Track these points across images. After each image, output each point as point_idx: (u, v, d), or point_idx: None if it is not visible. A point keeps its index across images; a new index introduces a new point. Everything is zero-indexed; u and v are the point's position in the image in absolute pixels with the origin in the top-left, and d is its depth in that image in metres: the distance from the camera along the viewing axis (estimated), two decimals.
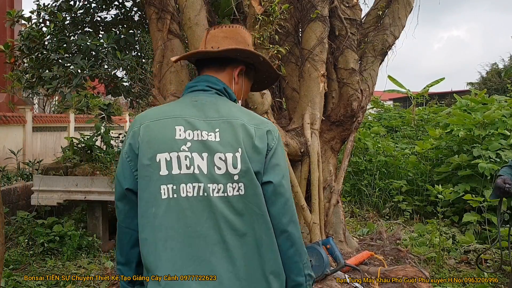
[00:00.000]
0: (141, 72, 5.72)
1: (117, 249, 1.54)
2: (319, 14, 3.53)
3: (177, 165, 1.37)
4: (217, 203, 1.36)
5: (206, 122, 1.43)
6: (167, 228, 1.35)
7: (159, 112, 1.48)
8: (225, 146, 1.40)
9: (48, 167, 5.81)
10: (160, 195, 1.36)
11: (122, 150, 1.45)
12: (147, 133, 1.41)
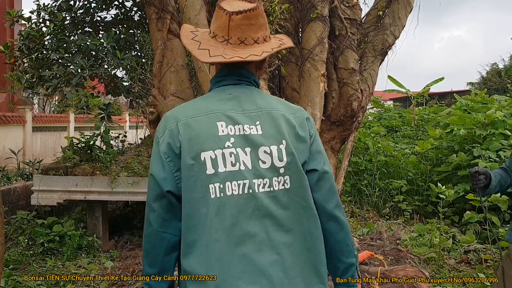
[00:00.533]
0: (141, 72, 5.72)
1: (147, 260, 1.44)
2: (319, 14, 3.53)
3: (222, 163, 1.32)
4: (263, 200, 1.33)
5: (245, 115, 1.37)
6: (216, 229, 1.31)
7: (195, 108, 1.40)
8: (269, 138, 1.35)
9: (48, 167, 5.80)
10: (209, 194, 1.32)
11: (158, 149, 1.37)
12: (187, 131, 1.35)
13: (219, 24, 1.41)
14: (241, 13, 1.38)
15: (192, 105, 1.43)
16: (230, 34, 1.40)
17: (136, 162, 5.93)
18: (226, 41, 1.40)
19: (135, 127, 9.18)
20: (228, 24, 1.39)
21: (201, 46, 1.41)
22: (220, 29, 1.41)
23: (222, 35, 1.41)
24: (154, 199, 1.37)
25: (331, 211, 1.41)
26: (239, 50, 1.39)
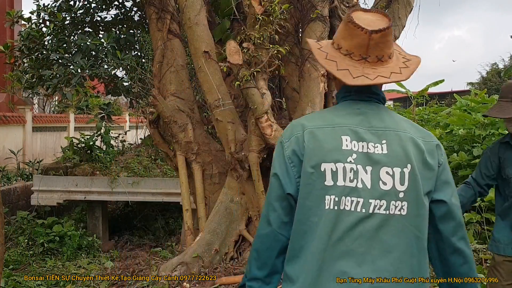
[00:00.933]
0: (141, 72, 5.72)
1: (257, 262, 1.43)
2: (319, 14, 3.53)
3: (342, 177, 1.31)
4: (375, 221, 1.31)
5: (371, 132, 1.36)
6: (323, 240, 1.31)
7: (322, 118, 1.41)
8: (393, 159, 1.33)
9: (48, 167, 5.81)
10: (323, 205, 1.32)
11: (283, 152, 1.39)
12: (312, 140, 1.35)
13: (357, 42, 1.38)
14: (381, 32, 1.37)
15: (319, 115, 1.45)
16: (369, 52, 1.38)
17: (136, 162, 5.94)
18: (363, 60, 1.39)
19: (135, 127, 9.18)
20: (368, 43, 1.38)
21: (339, 67, 1.39)
22: (357, 48, 1.39)
23: (360, 53, 1.39)
24: (276, 199, 1.39)
25: (456, 244, 1.37)
26: (377, 68, 1.38)
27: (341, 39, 1.42)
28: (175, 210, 6.66)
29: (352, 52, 1.39)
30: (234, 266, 3.38)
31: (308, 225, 1.34)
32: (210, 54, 3.57)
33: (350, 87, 1.41)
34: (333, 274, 1.30)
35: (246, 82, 3.13)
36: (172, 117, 3.68)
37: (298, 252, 1.36)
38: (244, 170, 3.43)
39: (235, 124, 3.53)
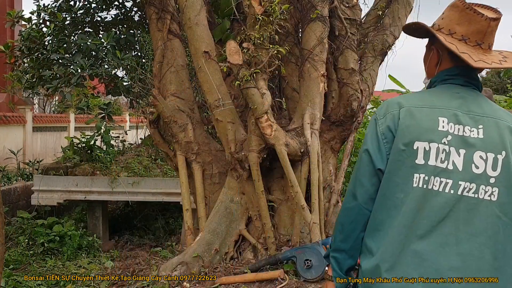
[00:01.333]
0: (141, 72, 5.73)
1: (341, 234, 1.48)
2: (319, 14, 3.53)
3: (434, 157, 1.35)
4: (461, 204, 1.34)
5: (469, 117, 1.39)
6: (408, 216, 1.35)
7: (422, 99, 1.45)
8: (488, 145, 1.36)
9: (48, 167, 5.81)
10: (411, 182, 1.36)
11: (376, 129, 1.43)
12: (407, 118, 1.40)
13: (475, 28, 1.44)
14: (496, 20, 1.44)
15: (418, 96, 1.48)
16: (484, 39, 1.45)
17: (136, 162, 5.94)
18: (478, 46, 1.45)
19: (135, 127, 9.18)
20: (486, 30, 1.44)
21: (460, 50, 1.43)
22: (474, 34, 1.44)
23: (476, 39, 1.45)
24: (364, 174, 1.43)
25: None
26: (487, 55, 1.44)
27: (455, 25, 1.46)
28: (175, 210, 6.67)
29: (468, 37, 1.45)
30: (234, 266, 3.39)
31: (393, 200, 1.38)
32: (210, 54, 3.57)
33: (456, 70, 1.47)
34: (414, 252, 1.34)
35: (246, 82, 3.13)
36: (172, 117, 3.69)
37: (379, 226, 1.41)
38: (244, 170, 3.43)
39: (235, 124, 3.53)
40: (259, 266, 3.22)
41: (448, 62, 1.50)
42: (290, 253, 3.11)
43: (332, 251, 1.51)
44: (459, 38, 1.47)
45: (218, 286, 3.09)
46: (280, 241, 3.49)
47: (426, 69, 1.63)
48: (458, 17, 1.47)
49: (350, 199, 1.46)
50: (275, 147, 3.23)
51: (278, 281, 2.98)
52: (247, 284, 3.03)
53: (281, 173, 3.46)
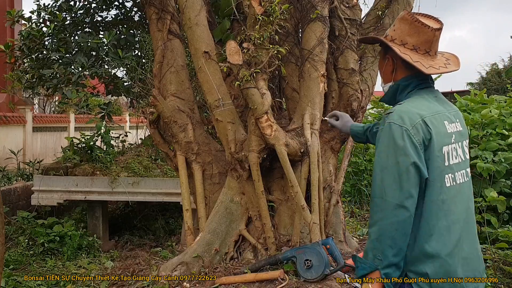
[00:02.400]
0: (141, 72, 5.73)
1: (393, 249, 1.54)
2: (319, 14, 3.53)
3: (452, 156, 1.60)
4: (468, 186, 1.67)
5: (452, 114, 1.69)
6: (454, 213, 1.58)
7: (425, 107, 1.65)
8: (464, 134, 1.69)
9: (48, 167, 5.81)
10: (445, 183, 1.57)
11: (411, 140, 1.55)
12: (433, 127, 1.59)
13: (423, 39, 1.70)
14: (440, 30, 1.70)
15: (418, 104, 1.67)
16: (431, 47, 1.71)
17: (136, 163, 5.94)
18: (427, 53, 1.71)
19: (135, 128, 9.18)
20: (432, 39, 1.70)
21: (413, 59, 1.68)
22: (423, 43, 1.70)
23: (425, 48, 1.71)
24: (414, 186, 1.54)
25: None
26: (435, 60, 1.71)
27: (406, 36, 1.71)
28: (175, 210, 6.67)
29: (418, 47, 1.70)
30: (234, 266, 3.39)
31: (437, 204, 1.57)
32: (210, 54, 3.57)
33: (422, 77, 1.72)
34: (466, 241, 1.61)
35: (246, 82, 3.13)
36: (172, 117, 3.69)
37: (432, 230, 1.57)
38: (244, 170, 3.43)
39: (235, 124, 3.53)
40: (259, 266, 3.22)
41: (403, 70, 1.75)
42: (290, 253, 3.11)
43: (383, 268, 1.55)
44: (410, 48, 1.71)
45: (218, 286, 3.10)
46: (280, 241, 3.49)
47: (382, 75, 1.87)
48: (408, 29, 1.71)
49: (401, 212, 1.51)
50: (275, 147, 3.23)
51: (278, 281, 2.98)
52: (247, 284, 3.04)
53: (281, 173, 3.46)
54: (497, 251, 4.38)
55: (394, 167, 1.54)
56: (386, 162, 1.56)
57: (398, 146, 1.54)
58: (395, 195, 1.52)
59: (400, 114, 1.59)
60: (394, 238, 1.52)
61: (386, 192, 1.54)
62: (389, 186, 1.54)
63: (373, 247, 1.57)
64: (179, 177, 3.78)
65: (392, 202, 1.52)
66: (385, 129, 1.60)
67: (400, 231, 1.52)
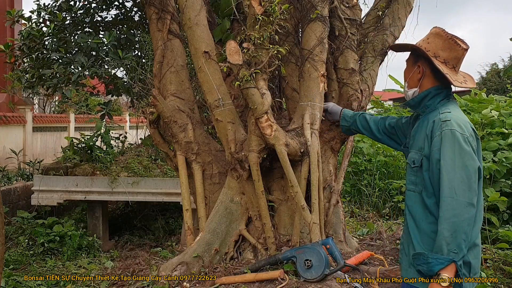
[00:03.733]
0: (141, 72, 5.73)
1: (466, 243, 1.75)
2: (319, 14, 3.53)
3: None
4: None
5: None
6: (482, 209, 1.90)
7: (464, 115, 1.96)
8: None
9: (48, 167, 5.81)
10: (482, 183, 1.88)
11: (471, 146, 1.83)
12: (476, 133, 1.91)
13: (454, 55, 1.96)
14: (467, 50, 1.96)
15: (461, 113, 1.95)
16: (458, 64, 1.98)
17: (136, 162, 5.94)
18: (453, 68, 1.97)
19: (135, 128, 9.19)
20: (461, 57, 1.97)
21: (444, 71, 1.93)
22: (453, 59, 1.96)
23: (453, 63, 1.97)
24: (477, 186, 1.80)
25: None
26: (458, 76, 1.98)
27: (439, 50, 1.96)
28: (175, 210, 6.67)
29: (448, 61, 1.95)
30: (234, 266, 3.39)
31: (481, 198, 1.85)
32: (210, 54, 3.57)
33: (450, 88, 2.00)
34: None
35: (246, 82, 3.13)
36: (172, 117, 3.69)
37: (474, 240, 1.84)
38: (244, 170, 3.43)
39: (235, 124, 3.53)
40: (259, 266, 3.22)
41: (431, 79, 2.00)
42: (290, 253, 3.11)
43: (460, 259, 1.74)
44: (441, 61, 1.95)
45: (218, 286, 3.09)
46: (280, 241, 3.49)
47: (408, 81, 2.13)
48: (442, 44, 1.95)
49: (470, 209, 1.75)
50: (275, 147, 3.23)
51: (278, 281, 2.97)
52: (247, 284, 3.04)
53: (281, 173, 3.46)
54: (497, 251, 4.38)
55: (462, 170, 1.76)
56: (453, 165, 1.78)
57: (465, 151, 1.78)
58: (465, 195, 1.73)
59: (458, 123, 1.84)
60: (467, 232, 1.73)
61: (456, 192, 1.74)
62: (458, 186, 1.75)
63: (448, 242, 1.73)
64: (179, 177, 3.78)
65: (464, 201, 1.73)
66: (447, 135, 1.82)
67: (471, 226, 1.75)
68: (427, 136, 1.92)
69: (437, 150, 1.85)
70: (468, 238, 1.75)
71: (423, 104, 2.06)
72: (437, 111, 1.96)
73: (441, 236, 1.75)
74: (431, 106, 2.02)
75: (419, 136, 2.02)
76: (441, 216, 1.76)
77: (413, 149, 2.04)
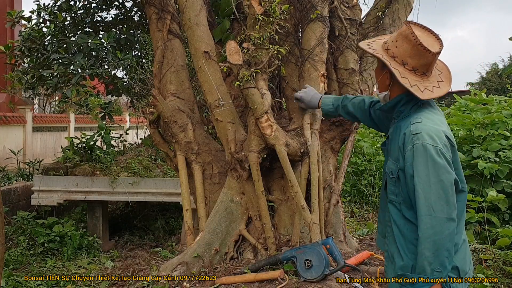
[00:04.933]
0: (141, 72, 5.73)
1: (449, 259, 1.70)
2: (319, 14, 3.53)
3: None
4: None
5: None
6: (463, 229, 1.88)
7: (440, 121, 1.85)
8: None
9: (48, 167, 5.81)
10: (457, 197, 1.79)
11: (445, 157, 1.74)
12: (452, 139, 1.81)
13: (423, 62, 1.82)
14: (439, 54, 1.81)
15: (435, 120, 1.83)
16: (429, 69, 1.84)
17: (136, 162, 5.94)
18: (424, 74, 1.84)
19: (135, 128, 9.19)
20: (432, 62, 1.82)
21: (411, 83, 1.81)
22: (422, 66, 1.83)
23: (423, 70, 1.84)
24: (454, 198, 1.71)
25: None
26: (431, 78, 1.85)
27: (408, 58, 1.83)
28: (175, 210, 6.67)
29: (417, 68, 1.82)
30: (234, 266, 3.39)
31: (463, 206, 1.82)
32: (210, 54, 3.58)
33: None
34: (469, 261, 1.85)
35: (246, 82, 3.13)
36: (172, 117, 3.69)
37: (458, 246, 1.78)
38: (244, 170, 3.43)
39: (235, 124, 3.53)
40: (259, 266, 3.22)
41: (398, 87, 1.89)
42: (290, 253, 3.11)
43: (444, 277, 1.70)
44: (410, 68, 1.83)
45: (218, 286, 3.10)
46: (280, 241, 3.49)
47: (379, 84, 2.03)
48: (410, 50, 1.81)
49: (450, 224, 1.68)
50: (275, 147, 3.23)
51: (278, 281, 2.98)
52: (247, 284, 3.04)
53: (281, 173, 3.46)
54: (497, 251, 4.38)
55: (438, 185, 1.68)
56: (428, 180, 1.69)
57: (439, 164, 1.69)
58: (444, 210, 1.67)
59: (430, 134, 1.74)
60: (449, 249, 1.67)
61: (434, 209, 1.67)
62: (436, 203, 1.68)
63: (431, 262, 1.67)
64: (179, 177, 3.78)
65: (443, 217, 1.66)
66: (419, 150, 1.72)
67: (452, 242, 1.68)
68: (400, 148, 1.85)
69: (410, 165, 1.77)
70: (451, 254, 1.69)
71: (396, 110, 1.98)
72: (409, 120, 1.86)
73: (422, 257, 1.69)
74: (404, 111, 1.93)
75: (394, 144, 1.93)
76: (421, 236, 1.70)
77: (390, 158, 1.95)
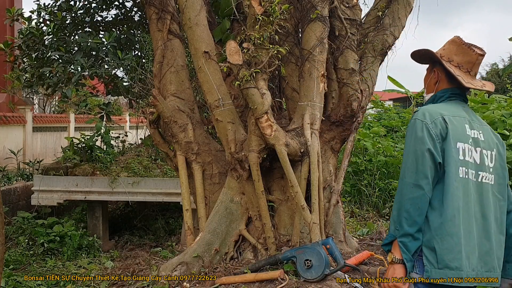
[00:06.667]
0: (141, 72, 5.73)
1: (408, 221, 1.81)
2: (319, 14, 3.53)
3: (468, 154, 1.88)
4: (485, 188, 1.91)
5: (474, 124, 1.96)
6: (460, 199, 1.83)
7: (448, 109, 1.94)
8: (487, 144, 1.95)
9: (48, 167, 5.81)
10: (458, 173, 1.84)
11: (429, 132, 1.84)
12: (452, 124, 1.87)
13: (468, 59, 2.02)
14: (482, 56, 2.02)
15: (443, 107, 1.97)
16: (473, 68, 2.03)
17: (136, 162, 5.94)
18: (468, 72, 2.02)
19: (135, 128, 9.19)
20: (475, 61, 2.02)
21: (456, 73, 1.99)
22: (466, 63, 2.02)
23: (467, 67, 2.02)
24: (429, 168, 1.82)
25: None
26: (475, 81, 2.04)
27: (453, 55, 2.04)
28: (175, 210, 6.67)
29: (462, 65, 2.02)
30: (234, 266, 3.39)
31: (451, 186, 1.83)
32: (210, 54, 3.58)
33: (457, 91, 2.03)
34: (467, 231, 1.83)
35: (246, 82, 3.13)
36: (172, 117, 3.69)
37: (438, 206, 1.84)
38: (244, 170, 3.43)
39: (235, 124, 3.53)
40: (259, 266, 3.22)
41: (445, 82, 2.05)
42: (290, 253, 3.11)
43: (400, 236, 1.82)
44: (455, 65, 2.02)
45: (218, 286, 3.10)
46: (280, 241, 3.49)
47: (426, 86, 2.15)
48: (455, 49, 2.04)
49: (415, 190, 1.81)
50: (275, 147, 3.23)
51: (278, 281, 2.97)
52: (247, 284, 3.04)
53: (281, 173, 3.46)
54: None
55: (413, 154, 1.84)
56: (408, 150, 1.87)
57: (418, 136, 1.83)
58: (412, 176, 1.82)
59: (423, 112, 1.89)
60: (409, 211, 1.80)
61: (405, 174, 1.85)
62: (407, 169, 1.85)
63: (394, 220, 1.86)
64: (179, 177, 3.78)
65: (409, 182, 1.82)
66: (411, 124, 1.90)
67: (414, 206, 1.80)
68: None
69: None
70: (412, 217, 1.80)
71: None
72: None
73: (391, 217, 1.90)
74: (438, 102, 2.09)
75: None
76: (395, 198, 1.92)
77: None
